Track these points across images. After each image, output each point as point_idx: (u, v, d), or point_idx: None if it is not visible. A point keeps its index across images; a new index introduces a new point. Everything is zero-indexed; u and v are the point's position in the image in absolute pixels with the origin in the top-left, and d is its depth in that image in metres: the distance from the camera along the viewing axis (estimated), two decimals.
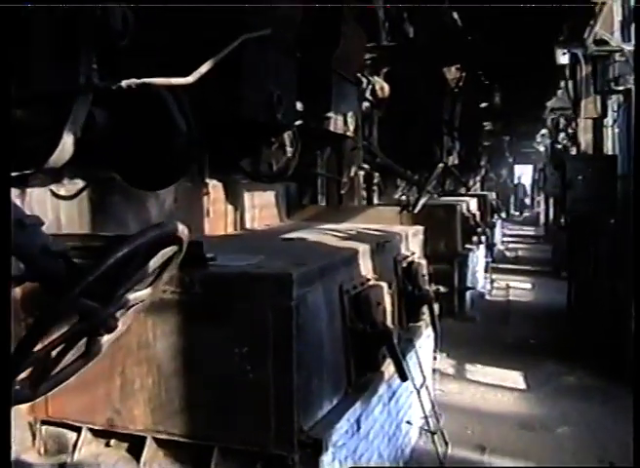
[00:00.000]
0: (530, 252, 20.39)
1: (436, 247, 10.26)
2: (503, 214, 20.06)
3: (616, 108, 7.72)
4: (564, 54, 7.18)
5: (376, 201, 10.64)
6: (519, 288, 13.51)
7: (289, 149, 5.03)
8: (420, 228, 6.31)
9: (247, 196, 5.97)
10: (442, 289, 8.51)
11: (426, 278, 5.45)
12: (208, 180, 5.32)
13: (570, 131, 10.10)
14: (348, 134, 5.94)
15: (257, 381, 3.14)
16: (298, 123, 4.86)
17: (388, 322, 4.07)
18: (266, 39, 3.73)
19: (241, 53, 3.56)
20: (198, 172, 5.26)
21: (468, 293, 10.63)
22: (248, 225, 5.98)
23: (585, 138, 8.07)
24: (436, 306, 5.93)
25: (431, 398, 5.21)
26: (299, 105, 4.74)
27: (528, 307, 11.69)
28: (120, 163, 3.72)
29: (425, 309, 5.22)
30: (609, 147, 7.99)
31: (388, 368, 4.08)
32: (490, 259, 13.81)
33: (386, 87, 10.40)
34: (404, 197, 9.62)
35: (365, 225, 5.96)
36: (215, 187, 5.39)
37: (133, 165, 3.71)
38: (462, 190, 17.21)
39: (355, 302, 3.76)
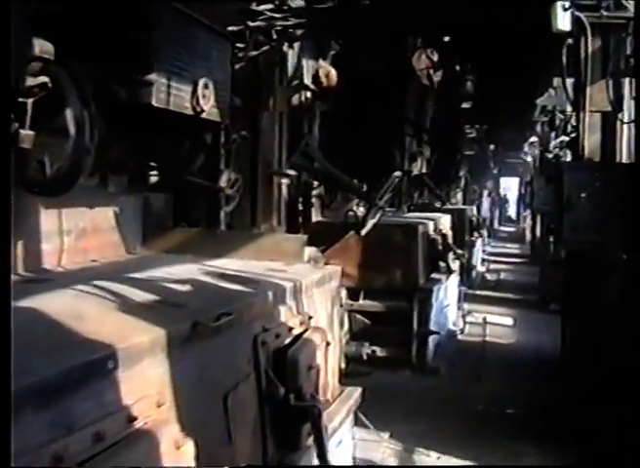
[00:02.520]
0: (514, 274, 18.11)
1: (391, 279, 8.01)
2: (485, 233, 17.81)
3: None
4: (565, 9, 4.93)
5: (316, 218, 8.35)
6: (498, 324, 11.22)
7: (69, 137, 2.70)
8: (336, 270, 4.03)
9: (46, 215, 3.65)
10: (379, 352, 6.30)
11: (322, 367, 3.16)
12: None
13: (569, 130, 7.75)
14: (206, 116, 3.60)
15: None
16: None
17: None
18: None
19: None
20: None
21: (432, 338, 8.34)
22: (48, 264, 3.67)
23: (591, 141, 5.78)
24: (345, 411, 3.69)
25: None
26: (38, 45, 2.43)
27: (508, 352, 9.42)
28: None
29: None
30: (624, 152, 5.72)
31: None
32: (464, 288, 11.48)
33: (333, 73, 8.21)
34: (351, 213, 7.32)
35: (235, 266, 3.69)
36: None
37: None
38: (438, 204, 15.13)
39: None
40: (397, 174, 7.36)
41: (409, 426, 6.17)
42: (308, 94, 7.96)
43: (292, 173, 6.45)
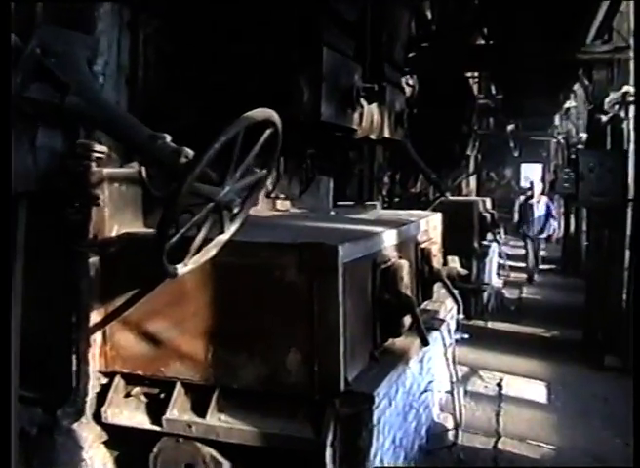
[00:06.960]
0: (541, 289, 13.34)
1: (277, 368, 3.44)
2: (502, 235, 13.09)
3: None
4: None
5: (124, 227, 3.72)
6: (522, 399, 6.60)
7: None
8: None
9: None
10: None
11: None
12: None
13: None
14: None
15: None
16: None
17: None
18: None
19: None
20: None
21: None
22: None
23: None
24: None
25: None
26: None
27: None
28: None
29: None
30: None
31: None
32: (458, 338, 6.68)
33: None
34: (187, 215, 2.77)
35: None
36: None
37: None
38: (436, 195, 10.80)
39: None
40: (258, 113, 2.81)
41: None
42: None
43: None
